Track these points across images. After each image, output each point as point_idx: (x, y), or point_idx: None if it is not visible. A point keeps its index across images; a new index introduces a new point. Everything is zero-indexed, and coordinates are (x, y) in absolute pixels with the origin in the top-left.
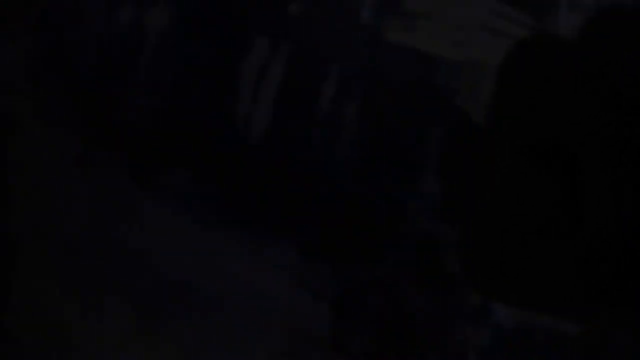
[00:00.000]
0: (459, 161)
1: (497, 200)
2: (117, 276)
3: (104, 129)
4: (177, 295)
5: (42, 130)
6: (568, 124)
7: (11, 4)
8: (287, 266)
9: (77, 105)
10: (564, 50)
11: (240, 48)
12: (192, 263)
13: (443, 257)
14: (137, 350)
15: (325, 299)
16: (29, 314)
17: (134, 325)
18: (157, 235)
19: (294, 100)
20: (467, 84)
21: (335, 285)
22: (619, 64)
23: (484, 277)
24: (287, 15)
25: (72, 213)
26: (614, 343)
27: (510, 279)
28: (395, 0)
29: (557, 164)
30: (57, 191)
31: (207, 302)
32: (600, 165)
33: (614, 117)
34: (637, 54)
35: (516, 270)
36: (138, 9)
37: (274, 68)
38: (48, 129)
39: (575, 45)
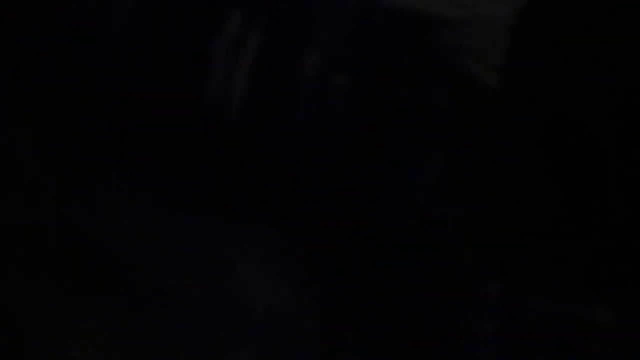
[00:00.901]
0: (468, 132)
1: (515, 179)
2: (88, 272)
3: (64, 113)
4: (153, 284)
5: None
6: (595, 99)
7: None
8: (272, 261)
9: (35, 89)
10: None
11: (210, 19)
12: (171, 253)
13: (453, 246)
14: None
15: (317, 299)
16: None
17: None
18: (127, 224)
19: (272, 74)
20: (475, 44)
21: (328, 285)
22: None
23: (509, 266)
24: None
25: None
26: None
27: (539, 267)
28: None
29: (575, 144)
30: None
31: (185, 296)
32: (627, 151)
33: None
34: None
35: (544, 257)
36: None
37: (249, 37)
38: (6, 115)
39: None
